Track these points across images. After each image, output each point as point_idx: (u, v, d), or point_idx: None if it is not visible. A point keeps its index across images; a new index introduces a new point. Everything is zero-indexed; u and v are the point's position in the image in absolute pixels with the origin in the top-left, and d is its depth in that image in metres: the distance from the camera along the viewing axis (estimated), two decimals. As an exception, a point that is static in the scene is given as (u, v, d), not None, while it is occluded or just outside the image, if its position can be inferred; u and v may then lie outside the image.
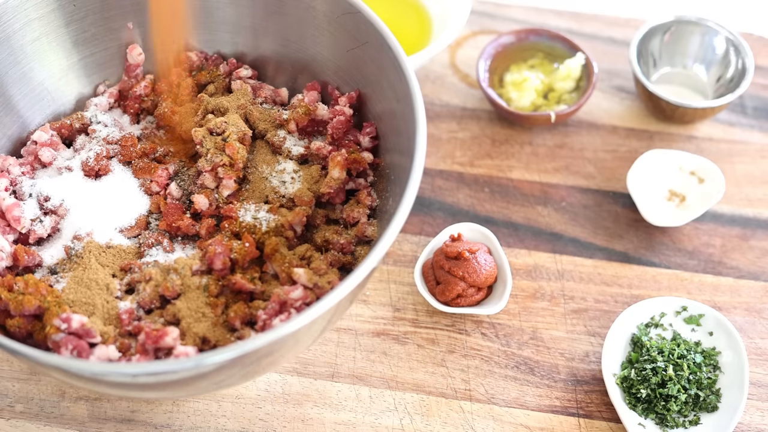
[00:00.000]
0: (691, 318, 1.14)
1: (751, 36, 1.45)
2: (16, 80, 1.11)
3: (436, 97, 1.39)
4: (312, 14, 1.12)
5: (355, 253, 1.05)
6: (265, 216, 1.06)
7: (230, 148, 1.07)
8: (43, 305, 0.96)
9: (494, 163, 1.32)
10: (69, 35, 1.13)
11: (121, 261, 1.04)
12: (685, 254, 1.24)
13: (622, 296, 1.20)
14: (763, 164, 1.32)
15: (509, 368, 1.13)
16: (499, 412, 1.10)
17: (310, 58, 1.16)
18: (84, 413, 1.08)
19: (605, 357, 1.10)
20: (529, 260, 1.22)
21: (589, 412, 1.10)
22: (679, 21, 1.37)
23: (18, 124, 1.12)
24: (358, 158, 1.08)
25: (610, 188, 1.30)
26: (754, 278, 1.22)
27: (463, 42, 1.46)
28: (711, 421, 1.07)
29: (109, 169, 1.11)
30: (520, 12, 1.50)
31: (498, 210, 1.27)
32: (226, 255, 1.01)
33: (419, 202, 1.27)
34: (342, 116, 1.11)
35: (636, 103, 1.39)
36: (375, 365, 1.13)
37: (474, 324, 1.17)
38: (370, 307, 1.18)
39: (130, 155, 1.12)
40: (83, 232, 1.05)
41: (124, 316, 0.98)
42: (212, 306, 0.99)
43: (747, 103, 1.39)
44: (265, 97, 1.17)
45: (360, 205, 1.08)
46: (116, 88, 1.18)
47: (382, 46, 1.05)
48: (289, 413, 1.09)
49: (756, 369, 1.14)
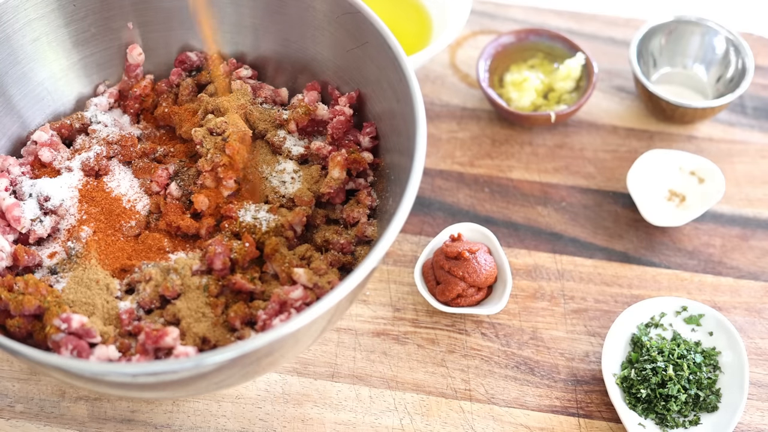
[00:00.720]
0: (691, 318, 1.14)
1: (751, 36, 1.45)
2: (16, 80, 1.11)
3: (436, 97, 1.39)
4: (312, 14, 1.12)
5: (355, 253, 1.05)
6: (265, 216, 1.06)
7: (230, 148, 1.07)
8: (43, 305, 0.96)
9: (494, 163, 1.32)
10: (69, 35, 1.13)
11: (121, 261, 1.04)
12: (685, 254, 1.24)
13: (622, 296, 1.20)
14: (763, 164, 1.32)
15: (509, 368, 1.13)
16: (499, 412, 1.10)
17: (310, 58, 1.16)
18: (84, 413, 1.08)
19: (605, 357, 1.10)
20: (529, 260, 1.22)
21: (589, 412, 1.10)
22: (679, 21, 1.37)
23: (18, 124, 1.12)
24: (358, 158, 1.08)
25: (610, 188, 1.30)
26: (754, 278, 1.22)
27: (463, 42, 1.46)
28: (711, 421, 1.07)
29: (109, 169, 1.11)
30: (520, 12, 1.50)
31: (498, 210, 1.27)
32: (226, 255, 1.01)
33: (419, 202, 1.27)
34: (342, 116, 1.11)
35: (636, 103, 1.39)
36: (375, 365, 1.13)
37: (474, 324, 1.17)
38: (370, 307, 1.18)
39: (130, 155, 1.12)
40: (83, 232, 1.05)
41: (124, 316, 0.98)
42: (212, 306, 0.99)
43: (747, 103, 1.39)
44: (265, 97, 1.17)
45: (360, 205, 1.08)
46: (116, 88, 1.18)
47: (382, 46, 1.05)
48: (289, 413, 1.09)
49: (756, 369, 1.14)
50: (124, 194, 1.09)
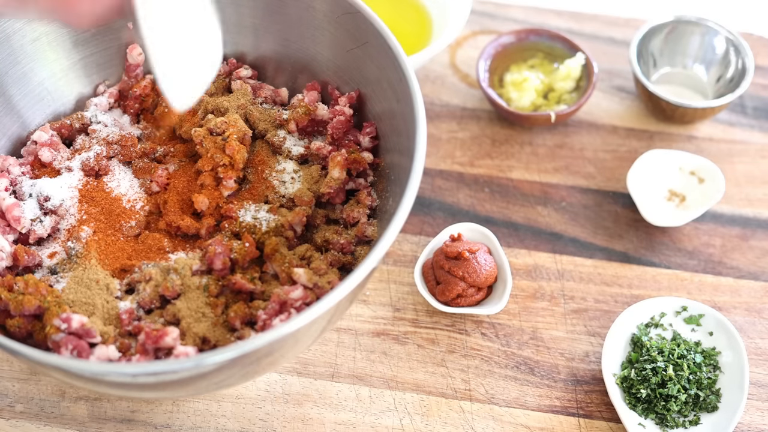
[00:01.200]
0: (691, 318, 1.14)
1: (751, 36, 1.45)
2: (16, 80, 1.11)
3: (436, 97, 1.39)
4: (312, 14, 1.12)
5: (355, 253, 1.05)
6: (265, 216, 1.06)
7: (230, 148, 1.07)
8: (43, 305, 0.96)
9: (494, 163, 1.32)
10: (69, 35, 1.13)
11: (121, 261, 1.04)
12: (685, 254, 1.24)
13: (622, 296, 1.20)
14: (763, 164, 1.32)
15: (509, 368, 1.13)
16: (499, 412, 1.10)
17: (310, 58, 1.16)
18: (84, 413, 1.08)
19: (605, 357, 1.10)
20: (529, 260, 1.22)
21: (589, 412, 1.10)
22: (679, 21, 1.37)
23: (18, 124, 1.12)
24: (358, 158, 1.08)
25: (610, 188, 1.30)
26: (754, 278, 1.22)
27: (463, 42, 1.46)
28: (711, 421, 1.07)
29: (109, 169, 1.11)
30: (520, 12, 1.50)
31: (498, 210, 1.27)
32: (226, 255, 1.01)
33: (419, 202, 1.27)
34: (342, 116, 1.11)
35: (636, 103, 1.39)
36: (375, 365, 1.13)
37: (474, 324, 1.17)
38: (370, 307, 1.18)
39: (130, 155, 1.12)
40: (83, 232, 1.05)
41: (124, 316, 0.98)
42: (212, 306, 0.99)
43: (747, 103, 1.39)
44: (265, 97, 1.17)
45: (360, 205, 1.08)
46: (116, 88, 1.18)
47: (382, 46, 1.05)
48: (289, 413, 1.09)
49: (756, 369, 1.14)
50: (124, 194, 1.09)
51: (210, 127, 1.10)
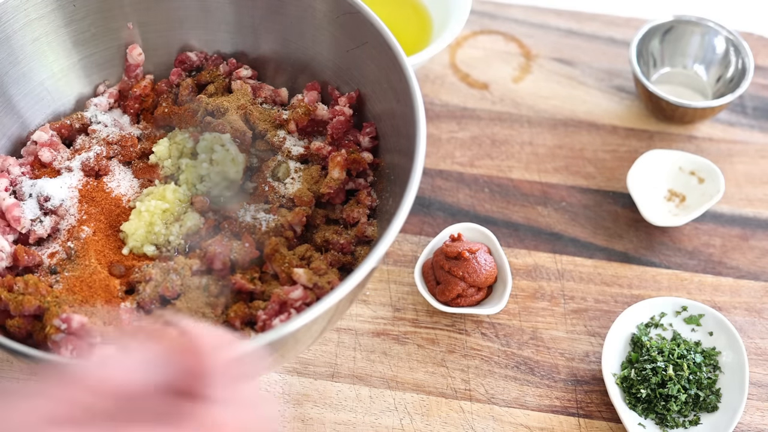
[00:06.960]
0: (691, 318, 1.14)
1: (751, 36, 1.45)
2: (16, 80, 1.11)
3: (436, 97, 1.39)
4: (312, 14, 1.12)
5: (355, 253, 1.05)
6: (265, 216, 1.06)
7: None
8: (43, 305, 0.96)
9: (494, 163, 1.32)
10: (69, 35, 1.13)
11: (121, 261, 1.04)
12: (685, 254, 1.24)
13: (622, 296, 1.20)
14: (763, 164, 1.32)
15: (509, 368, 1.13)
16: (499, 412, 1.10)
17: (310, 58, 1.16)
18: (84, 413, 1.08)
19: (605, 357, 1.10)
20: (529, 260, 1.22)
21: (589, 412, 1.10)
22: (679, 21, 1.37)
23: (18, 124, 1.12)
24: (358, 158, 1.08)
25: (610, 188, 1.30)
26: (754, 278, 1.22)
27: (463, 42, 1.46)
28: (711, 421, 1.07)
29: (109, 169, 1.11)
30: (520, 12, 1.50)
31: (498, 210, 1.27)
32: (226, 255, 1.01)
33: (419, 202, 1.27)
34: (342, 116, 1.11)
35: (636, 103, 1.39)
36: (375, 365, 1.13)
37: (474, 324, 1.17)
38: (370, 307, 1.18)
39: (130, 155, 1.12)
40: (83, 233, 1.05)
41: (124, 316, 0.98)
42: (212, 306, 0.99)
43: (747, 103, 1.39)
44: (265, 97, 1.17)
45: (360, 205, 1.08)
46: (116, 88, 1.18)
47: (382, 46, 1.05)
48: (289, 413, 1.09)
49: (756, 369, 1.14)
50: (124, 194, 1.09)
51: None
